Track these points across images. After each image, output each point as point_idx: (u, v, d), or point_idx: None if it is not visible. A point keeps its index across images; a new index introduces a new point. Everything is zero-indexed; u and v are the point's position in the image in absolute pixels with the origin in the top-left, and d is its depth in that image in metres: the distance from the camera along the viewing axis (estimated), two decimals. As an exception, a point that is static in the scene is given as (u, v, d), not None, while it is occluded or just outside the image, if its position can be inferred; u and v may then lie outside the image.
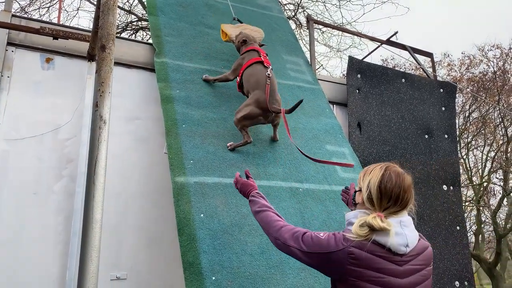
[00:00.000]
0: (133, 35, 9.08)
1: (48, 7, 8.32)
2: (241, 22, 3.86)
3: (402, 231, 1.50)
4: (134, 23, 9.17)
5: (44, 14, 8.36)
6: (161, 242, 3.08)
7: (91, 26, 3.00)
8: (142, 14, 8.97)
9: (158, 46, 3.44)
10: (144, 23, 8.88)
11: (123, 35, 8.87)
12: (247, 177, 2.15)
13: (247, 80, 3.10)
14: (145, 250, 3.03)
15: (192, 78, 3.34)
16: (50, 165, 2.96)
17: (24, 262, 2.71)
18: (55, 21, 6.95)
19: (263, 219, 1.78)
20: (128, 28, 9.04)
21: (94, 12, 2.70)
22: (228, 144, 3.00)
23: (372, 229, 1.46)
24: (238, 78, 3.22)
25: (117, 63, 3.32)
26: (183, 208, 2.51)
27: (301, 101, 2.83)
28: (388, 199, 1.52)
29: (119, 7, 8.86)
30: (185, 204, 2.53)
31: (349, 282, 1.46)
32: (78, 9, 8.66)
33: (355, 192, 1.69)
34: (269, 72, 3.02)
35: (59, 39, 3.06)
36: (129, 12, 9.14)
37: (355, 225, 1.50)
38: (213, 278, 2.27)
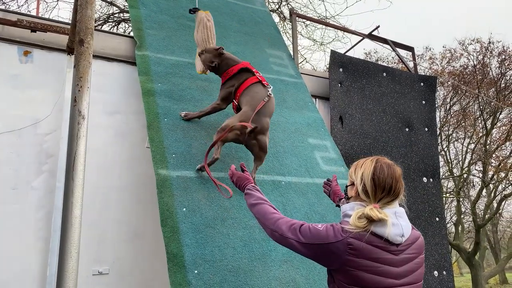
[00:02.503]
0: (115, 27, 8.94)
1: (27, -2, 8.10)
2: (197, 10, 3.35)
3: (398, 222, 1.55)
4: (116, 15, 9.02)
5: (22, 5, 8.16)
6: (144, 236, 3.07)
7: (71, 18, 2.95)
8: (124, 6, 8.82)
9: (139, 39, 3.40)
10: (126, 15, 8.74)
11: (104, 27, 8.73)
12: (242, 170, 2.14)
13: (242, 100, 2.83)
14: (127, 244, 3.02)
15: (174, 71, 3.32)
16: (29, 160, 2.91)
17: (3, 259, 2.68)
18: (34, 12, 6.80)
19: (259, 212, 1.79)
20: (109, 20, 8.89)
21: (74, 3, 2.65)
22: (199, 166, 2.74)
23: (370, 220, 1.50)
24: (235, 101, 2.93)
25: (97, 56, 3.29)
26: (166, 200, 2.51)
27: None
28: (382, 190, 1.56)
29: (100, -2, 8.71)
30: (168, 197, 2.53)
31: (347, 272, 1.50)
32: (58, 0, 8.46)
33: (347, 186, 1.73)
34: (270, 92, 2.81)
35: (37, 31, 3.00)
36: (111, 3, 8.98)
37: (353, 217, 1.53)
38: (196, 271, 2.28)
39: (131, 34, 3.57)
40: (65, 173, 1.78)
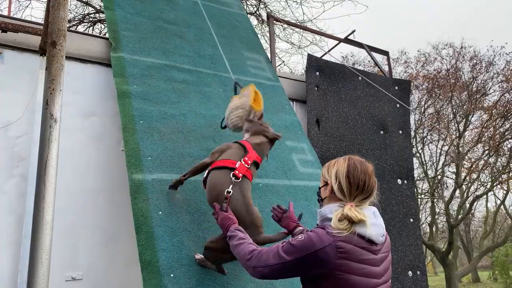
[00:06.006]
0: (91, 28, 8.79)
1: (-2, -3, 7.90)
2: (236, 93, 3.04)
3: (377, 221, 1.57)
4: (92, 15, 8.87)
5: (-7, 4, 7.93)
6: (118, 241, 3.03)
7: (44, 19, 2.89)
8: (100, 6, 8.68)
9: (114, 41, 3.36)
10: (102, 16, 8.61)
11: (80, 27, 8.58)
12: (226, 209, 2.07)
13: (208, 191, 2.36)
14: (102, 249, 2.97)
15: (149, 73, 3.29)
16: (-1, 164, 2.84)
17: (-28, 265, 2.60)
18: (5, 11, 6.63)
19: (238, 254, 1.73)
20: (85, 21, 8.74)
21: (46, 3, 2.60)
22: (197, 258, 2.42)
23: (351, 221, 1.49)
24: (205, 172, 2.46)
25: (72, 58, 3.23)
26: (140, 206, 2.48)
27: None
28: (356, 187, 1.57)
29: (75, -2, 8.55)
30: (142, 202, 2.50)
31: (336, 276, 1.46)
32: (31, -1, 8.28)
33: (320, 188, 1.73)
34: (230, 190, 2.21)
35: (8, 32, 2.93)
36: (86, 3, 8.83)
37: (334, 219, 1.51)
38: (172, 275, 2.26)
39: (107, 35, 3.52)
40: (36, 178, 1.74)
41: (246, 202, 2.24)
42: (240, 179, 2.28)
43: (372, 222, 1.54)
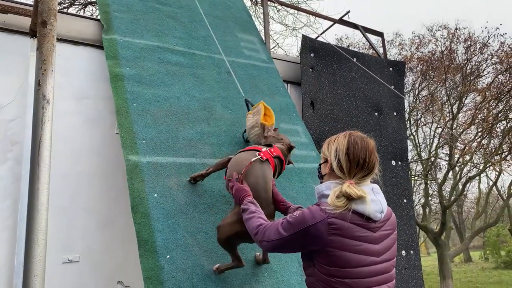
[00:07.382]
0: (82, 10, 8.65)
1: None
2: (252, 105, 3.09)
3: (376, 198, 1.55)
4: (82, -2, 8.72)
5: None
6: (114, 223, 3.04)
7: None
8: (91, -12, 8.54)
9: (106, 23, 3.31)
10: (93, -2, 8.46)
11: (70, 10, 8.43)
12: (242, 181, 2.11)
13: (229, 166, 2.43)
14: (98, 231, 2.98)
15: (142, 55, 3.25)
16: (-8, 148, 2.81)
17: (-32, 249, 2.60)
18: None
19: (249, 227, 1.78)
20: (76, 3, 8.59)
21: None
22: (215, 268, 2.36)
23: (349, 198, 1.48)
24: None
25: (63, 40, 3.18)
26: (137, 186, 2.49)
27: None
28: (356, 164, 1.55)
29: (65, -20, 8.39)
30: (138, 183, 2.50)
31: (328, 253, 1.48)
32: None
33: (320, 165, 1.71)
34: (253, 160, 2.30)
35: (-3, 13, 2.87)
36: (77, -15, 8.66)
37: (331, 196, 1.51)
38: (168, 256, 2.28)
39: (98, 17, 3.46)
40: (30, 159, 1.73)
41: (266, 180, 2.28)
42: (264, 159, 2.37)
43: (371, 198, 1.52)
